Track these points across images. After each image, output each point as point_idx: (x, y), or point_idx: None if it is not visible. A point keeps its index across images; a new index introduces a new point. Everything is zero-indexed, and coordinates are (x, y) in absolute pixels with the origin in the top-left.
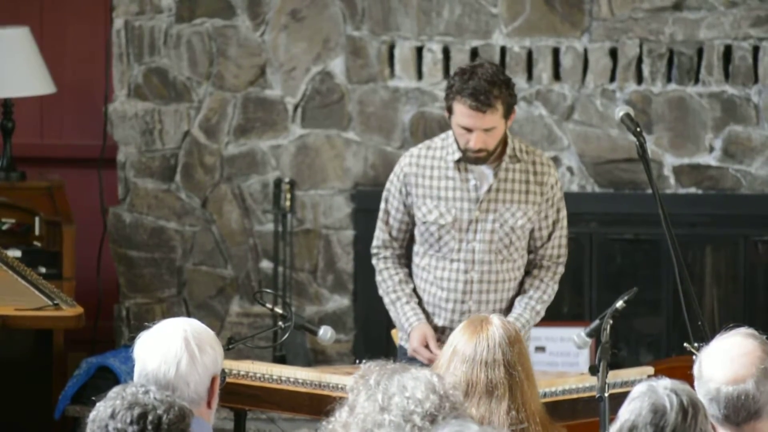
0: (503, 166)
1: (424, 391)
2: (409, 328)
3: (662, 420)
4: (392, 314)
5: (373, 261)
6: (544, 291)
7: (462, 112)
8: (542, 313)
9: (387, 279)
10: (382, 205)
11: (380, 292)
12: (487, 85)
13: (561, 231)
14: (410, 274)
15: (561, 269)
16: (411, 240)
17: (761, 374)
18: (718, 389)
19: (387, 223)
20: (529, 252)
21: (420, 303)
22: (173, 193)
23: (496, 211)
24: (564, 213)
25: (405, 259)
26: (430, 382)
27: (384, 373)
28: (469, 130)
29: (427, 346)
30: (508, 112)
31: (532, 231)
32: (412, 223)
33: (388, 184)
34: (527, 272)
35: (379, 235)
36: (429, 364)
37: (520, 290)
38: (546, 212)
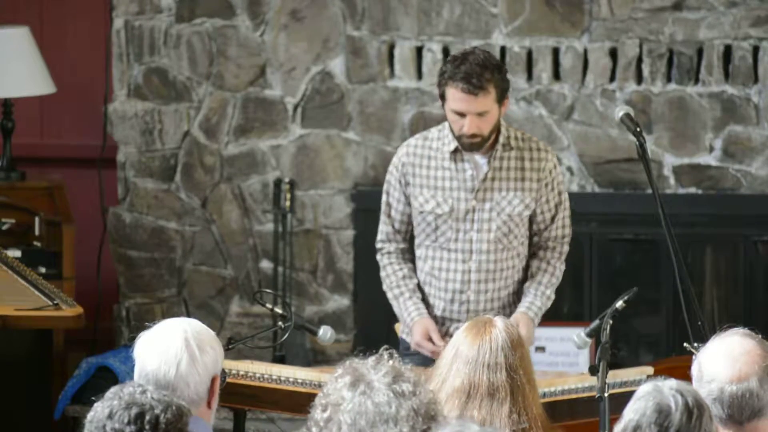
0: (496, 155)
1: None
2: (411, 322)
3: (666, 420)
4: (395, 309)
5: (378, 257)
6: (552, 273)
7: (455, 97)
8: (552, 297)
9: (391, 274)
10: (384, 198)
11: (384, 287)
12: (478, 68)
13: (564, 212)
14: (414, 269)
15: (566, 248)
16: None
17: (764, 372)
18: (721, 389)
19: (389, 215)
20: (534, 235)
21: (423, 297)
22: (173, 193)
23: (493, 199)
24: (566, 195)
25: (409, 253)
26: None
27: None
28: (462, 115)
29: (430, 339)
30: (501, 97)
31: (533, 216)
32: (413, 214)
33: (387, 176)
34: (533, 254)
35: (383, 228)
36: (433, 356)
37: (527, 275)
38: (546, 196)
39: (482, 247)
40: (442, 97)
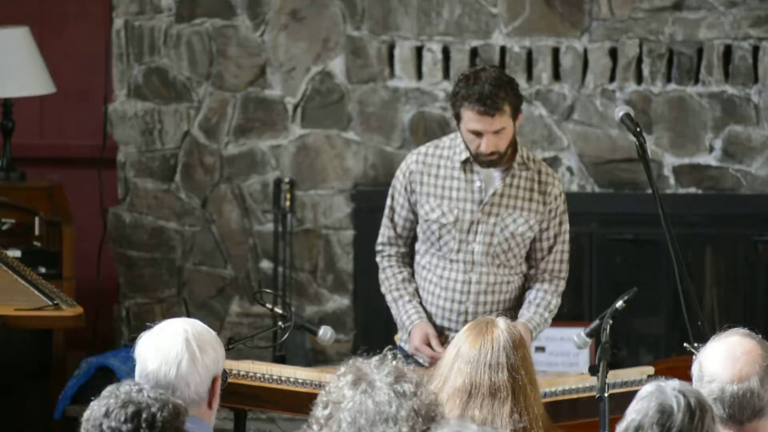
0: (511, 172)
1: None
2: (410, 326)
3: (669, 421)
4: (393, 312)
5: (377, 259)
6: (549, 301)
7: (471, 118)
8: (549, 322)
9: (390, 277)
10: (388, 202)
11: (383, 289)
12: (492, 88)
13: (562, 245)
14: (414, 274)
15: (562, 284)
16: (415, 239)
17: (764, 372)
18: (722, 389)
19: (392, 219)
20: (530, 267)
21: (421, 302)
22: (173, 193)
23: (498, 215)
24: (566, 227)
25: (409, 258)
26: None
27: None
28: (479, 134)
29: (429, 345)
30: (515, 113)
31: (533, 242)
32: (416, 221)
33: (394, 181)
34: (528, 287)
35: (384, 232)
36: (431, 362)
37: (523, 301)
38: (548, 223)
39: (483, 260)
40: (457, 117)
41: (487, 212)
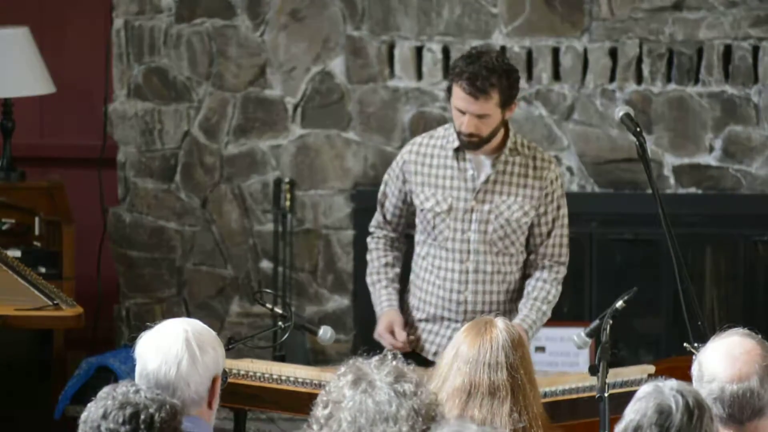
0: (502, 158)
1: None
2: (380, 312)
3: (667, 421)
4: (371, 296)
5: (368, 239)
6: (548, 292)
7: (457, 95)
8: (548, 314)
9: (374, 260)
10: (381, 188)
11: (367, 271)
12: (486, 72)
13: (561, 230)
14: (400, 258)
15: (563, 270)
16: (409, 226)
17: (764, 372)
18: (722, 388)
19: (383, 205)
20: (530, 253)
21: (413, 291)
22: (173, 193)
23: (492, 202)
24: (564, 211)
25: (398, 242)
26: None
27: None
28: (463, 112)
29: (392, 334)
30: (505, 103)
31: (531, 227)
32: (406, 210)
33: (389, 169)
34: (528, 275)
35: (376, 216)
36: (393, 350)
37: (522, 291)
38: (545, 208)
39: (479, 248)
40: (449, 90)
41: (481, 200)
